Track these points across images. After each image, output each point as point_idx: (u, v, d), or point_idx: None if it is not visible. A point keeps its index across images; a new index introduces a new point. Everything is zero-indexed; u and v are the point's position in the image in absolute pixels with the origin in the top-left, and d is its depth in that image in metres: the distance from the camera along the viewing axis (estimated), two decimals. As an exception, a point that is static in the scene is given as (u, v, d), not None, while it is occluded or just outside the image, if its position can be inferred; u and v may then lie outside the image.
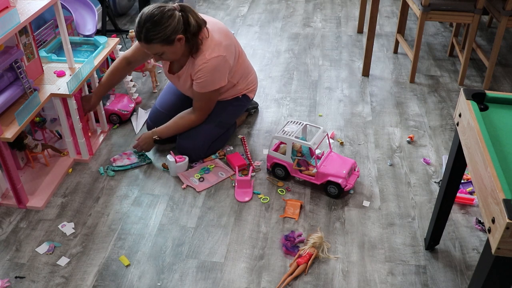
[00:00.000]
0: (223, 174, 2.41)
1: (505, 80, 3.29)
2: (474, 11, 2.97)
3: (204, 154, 2.50)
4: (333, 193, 2.26)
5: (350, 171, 2.28)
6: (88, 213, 2.20)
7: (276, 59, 3.55)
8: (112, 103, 2.80)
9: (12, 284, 1.87)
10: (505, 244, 1.16)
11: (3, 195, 2.25)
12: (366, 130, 2.77)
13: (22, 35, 2.21)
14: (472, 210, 2.23)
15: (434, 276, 1.92)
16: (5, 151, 2.04)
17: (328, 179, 2.24)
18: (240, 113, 2.66)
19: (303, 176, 2.32)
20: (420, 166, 2.50)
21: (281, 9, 4.44)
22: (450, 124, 2.83)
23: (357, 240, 2.07)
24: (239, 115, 2.68)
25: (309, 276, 1.91)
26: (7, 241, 2.06)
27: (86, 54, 2.65)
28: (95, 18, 3.03)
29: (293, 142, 2.28)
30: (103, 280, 1.89)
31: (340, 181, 2.22)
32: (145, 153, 2.54)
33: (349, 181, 2.26)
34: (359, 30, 3.99)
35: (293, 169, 2.32)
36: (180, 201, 2.27)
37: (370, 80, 3.29)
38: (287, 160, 2.32)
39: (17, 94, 2.16)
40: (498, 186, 1.22)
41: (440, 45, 3.77)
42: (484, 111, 1.58)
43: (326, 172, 2.25)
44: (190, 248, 2.03)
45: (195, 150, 2.46)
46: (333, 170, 2.25)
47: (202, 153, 2.49)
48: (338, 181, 2.22)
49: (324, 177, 2.26)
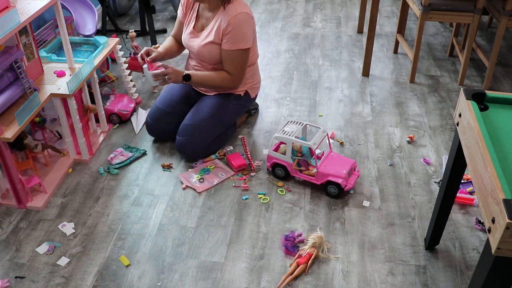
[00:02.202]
0: (223, 174, 2.41)
1: (505, 80, 3.29)
2: (474, 11, 2.97)
3: (202, 154, 2.50)
4: (333, 193, 2.26)
5: (350, 171, 2.28)
6: (88, 213, 2.20)
7: (276, 59, 3.55)
8: (112, 103, 2.80)
9: (12, 284, 1.87)
10: (505, 244, 1.16)
11: (3, 195, 2.25)
12: (366, 130, 2.77)
13: (22, 35, 2.21)
14: (472, 210, 2.23)
15: (434, 276, 1.92)
16: (5, 151, 2.04)
17: (328, 179, 2.24)
18: (240, 113, 2.67)
19: (303, 176, 2.32)
20: (420, 166, 2.50)
21: (281, 9, 4.44)
22: (450, 124, 2.83)
23: (357, 240, 2.07)
24: (240, 115, 2.68)
25: (309, 276, 1.91)
26: (7, 241, 2.06)
27: (86, 54, 2.65)
28: (95, 18, 3.03)
29: (293, 142, 2.28)
30: (103, 280, 1.89)
31: (340, 181, 2.22)
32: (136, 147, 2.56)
33: (349, 181, 2.26)
34: (359, 30, 3.99)
35: (293, 169, 2.32)
36: (180, 201, 2.27)
37: (370, 80, 3.29)
38: (287, 160, 2.32)
39: (17, 94, 2.16)
40: (498, 186, 1.22)
41: (440, 45, 3.77)
42: (484, 111, 1.58)
43: (326, 172, 2.25)
44: (190, 248, 2.03)
45: (193, 148, 2.46)
46: (333, 170, 2.26)
47: (200, 152, 2.49)
48: (338, 181, 2.22)
49: (324, 177, 2.26)
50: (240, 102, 2.59)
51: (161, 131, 2.60)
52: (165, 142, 2.64)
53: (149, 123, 2.60)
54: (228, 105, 2.54)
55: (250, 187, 2.35)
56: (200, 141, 2.45)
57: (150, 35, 3.65)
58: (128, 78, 2.91)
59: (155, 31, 3.70)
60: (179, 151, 2.49)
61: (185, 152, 2.47)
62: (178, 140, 2.48)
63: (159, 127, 2.58)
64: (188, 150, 2.46)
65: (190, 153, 2.47)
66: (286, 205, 2.25)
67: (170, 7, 4.44)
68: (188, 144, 2.45)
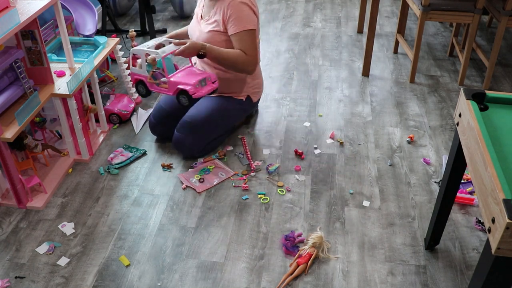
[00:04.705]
0: (223, 174, 2.41)
1: (505, 80, 3.29)
2: (474, 11, 2.97)
3: (197, 152, 2.51)
4: (184, 103, 2.29)
5: (203, 81, 2.30)
6: (88, 213, 2.20)
7: (276, 59, 3.55)
8: (112, 103, 2.80)
9: (12, 284, 1.87)
10: (505, 244, 1.16)
11: (3, 195, 2.25)
12: (366, 130, 2.77)
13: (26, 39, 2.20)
14: (472, 210, 2.23)
15: (434, 276, 1.92)
16: (5, 151, 2.04)
17: (177, 87, 2.26)
18: (241, 117, 2.70)
19: (158, 89, 2.35)
20: (420, 166, 2.50)
21: (281, 9, 4.44)
22: (450, 124, 2.83)
23: (357, 240, 2.07)
24: (240, 119, 2.72)
25: (309, 276, 1.91)
26: (7, 241, 2.06)
27: (86, 54, 2.65)
28: (95, 18, 3.03)
29: (145, 53, 2.30)
30: (103, 280, 1.89)
31: (188, 88, 2.23)
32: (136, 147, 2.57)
33: (200, 90, 2.27)
34: (359, 30, 3.99)
35: (149, 82, 2.34)
36: (180, 201, 2.27)
37: (370, 80, 3.29)
38: (143, 74, 2.34)
39: (17, 94, 2.16)
40: (498, 186, 1.22)
41: (440, 45, 3.77)
42: (484, 111, 1.58)
43: (176, 80, 2.27)
44: (190, 248, 2.03)
45: (189, 146, 2.46)
46: (183, 79, 2.27)
47: (196, 151, 2.50)
48: (186, 88, 2.23)
49: (174, 86, 2.27)
50: (242, 107, 2.60)
51: (164, 131, 2.61)
52: (165, 142, 2.64)
53: (152, 122, 2.61)
54: (229, 108, 2.54)
55: (250, 187, 2.35)
56: (196, 140, 2.46)
57: (150, 35, 3.66)
58: (128, 78, 2.91)
59: (155, 31, 3.70)
60: (175, 147, 2.49)
61: (181, 149, 2.48)
62: (175, 136, 2.48)
63: (162, 127, 2.59)
64: (184, 147, 2.47)
65: (185, 150, 2.48)
66: (286, 205, 2.25)
67: (170, 7, 4.44)
68: (185, 141, 2.45)
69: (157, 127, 2.60)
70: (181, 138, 2.46)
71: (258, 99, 2.71)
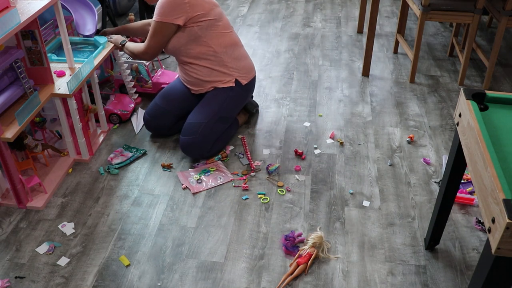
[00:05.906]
0: (221, 178, 2.40)
1: (505, 80, 3.29)
2: (474, 11, 2.97)
3: (207, 152, 2.49)
4: None
5: None
6: (88, 213, 2.20)
7: (276, 59, 3.55)
8: (112, 103, 2.80)
9: (12, 284, 1.87)
10: (505, 244, 1.16)
11: (3, 195, 2.25)
12: (366, 130, 2.77)
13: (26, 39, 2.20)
14: (472, 210, 2.23)
15: (434, 276, 1.92)
16: (5, 151, 2.04)
17: (161, 86, 2.92)
18: (239, 104, 2.62)
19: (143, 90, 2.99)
20: (420, 166, 2.50)
21: (281, 9, 4.44)
22: (450, 124, 2.83)
23: (357, 240, 2.07)
24: (240, 106, 2.64)
25: (309, 276, 1.91)
26: (7, 241, 2.06)
27: (86, 54, 2.65)
28: (95, 18, 3.03)
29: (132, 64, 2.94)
30: (103, 280, 1.89)
31: None
32: (136, 147, 2.58)
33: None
34: (359, 30, 3.99)
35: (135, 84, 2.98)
36: (180, 201, 2.27)
37: (370, 80, 3.29)
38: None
39: (17, 94, 2.16)
40: (498, 186, 1.22)
41: (440, 45, 3.77)
42: (484, 111, 1.58)
43: (159, 81, 2.96)
44: (190, 248, 2.03)
45: (198, 147, 2.45)
46: (165, 79, 2.96)
47: (205, 151, 2.48)
48: None
49: (159, 86, 2.96)
50: (235, 92, 2.54)
51: (158, 127, 2.64)
52: (165, 142, 2.64)
53: (146, 118, 2.65)
54: (226, 98, 2.51)
55: (250, 187, 2.35)
56: (204, 139, 2.45)
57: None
58: (128, 78, 2.91)
59: (155, 31, 3.69)
60: (183, 151, 2.48)
61: (190, 151, 2.47)
62: (182, 140, 2.47)
63: (157, 123, 2.62)
64: (193, 149, 2.46)
65: (195, 152, 2.47)
66: (286, 205, 2.25)
67: (170, 7, 4.43)
68: (193, 143, 2.44)
69: (152, 122, 2.63)
70: (188, 141, 2.45)
71: (252, 83, 2.63)
